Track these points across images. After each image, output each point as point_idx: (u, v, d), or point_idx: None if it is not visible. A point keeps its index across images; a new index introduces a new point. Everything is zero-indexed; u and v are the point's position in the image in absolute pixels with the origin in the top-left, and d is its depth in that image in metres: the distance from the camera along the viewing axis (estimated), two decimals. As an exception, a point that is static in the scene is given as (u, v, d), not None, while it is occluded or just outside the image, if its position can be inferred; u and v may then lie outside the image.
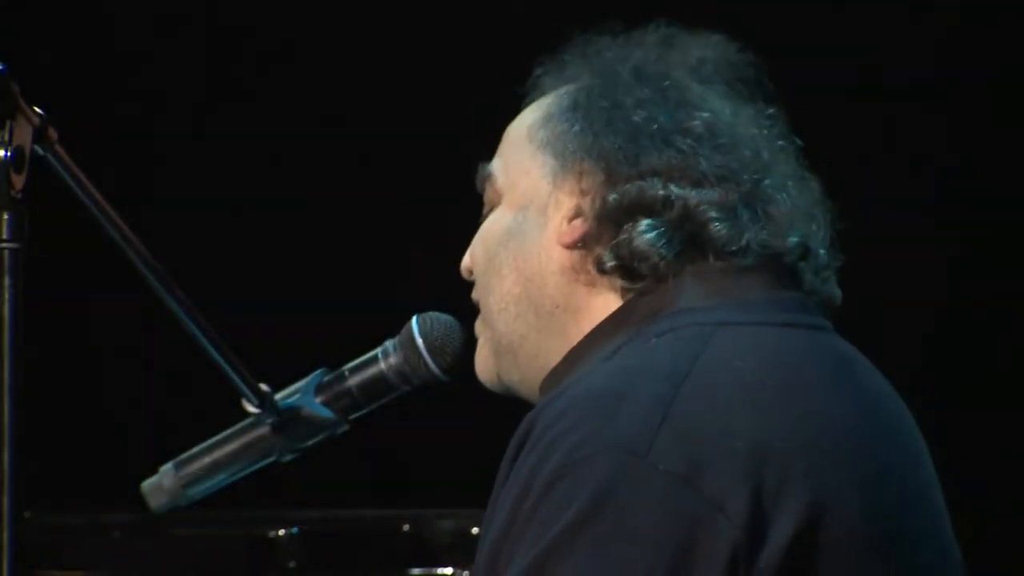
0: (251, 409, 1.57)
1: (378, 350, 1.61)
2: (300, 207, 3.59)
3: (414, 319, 1.59)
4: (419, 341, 1.58)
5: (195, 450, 1.62)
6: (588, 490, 1.17)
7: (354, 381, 1.60)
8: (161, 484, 1.62)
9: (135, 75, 3.54)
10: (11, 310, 1.31)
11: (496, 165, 1.49)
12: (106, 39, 3.51)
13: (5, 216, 1.30)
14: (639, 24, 1.49)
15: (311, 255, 3.59)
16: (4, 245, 1.31)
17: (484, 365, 1.50)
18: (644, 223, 1.35)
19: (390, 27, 3.49)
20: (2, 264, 1.31)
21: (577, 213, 1.39)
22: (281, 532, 2.71)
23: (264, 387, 1.56)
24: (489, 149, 1.53)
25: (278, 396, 1.58)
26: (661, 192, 1.35)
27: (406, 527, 2.75)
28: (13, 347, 1.30)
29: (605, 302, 1.39)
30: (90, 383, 3.54)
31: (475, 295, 1.51)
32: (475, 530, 2.62)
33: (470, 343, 1.60)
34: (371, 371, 1.60)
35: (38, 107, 1.34)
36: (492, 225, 1.48)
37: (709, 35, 1.47)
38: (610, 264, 1.37)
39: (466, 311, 1.64)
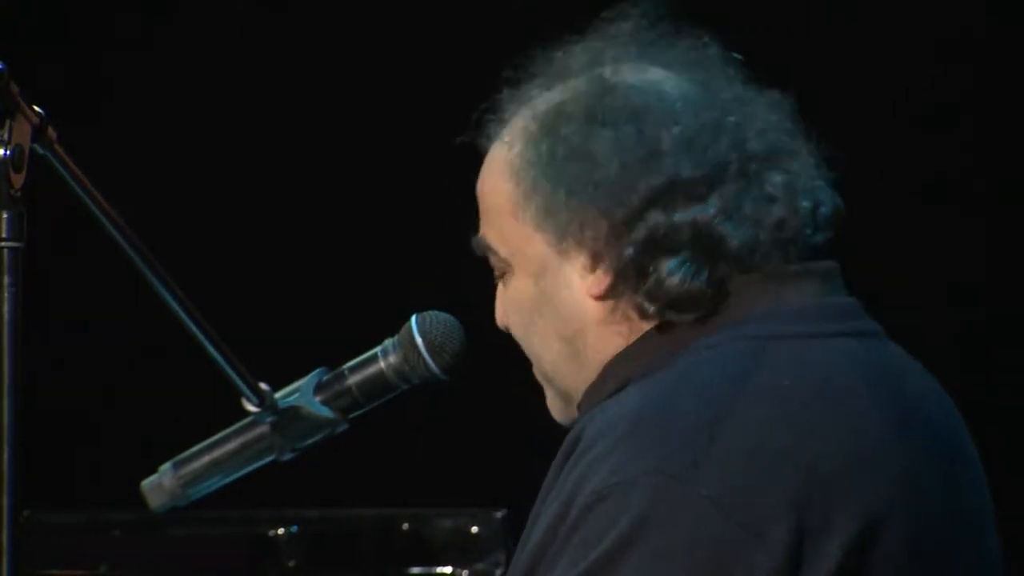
0: (250, 408, 1.57)
1: (377, 349, 1.60)
2: (300, 204, 3.59)
3: (413, 318, 1.59)
4: (418, 340, 1.58)
5: (194, 449, 1.62)
6: (628, 515, 1.17)
7: (353, 380, 1.60)
8: (161, 483, 1.61)
9: (125, 61, 3.54)
10: (11, 309, 1.31)
11: (492, 237, 1.44)
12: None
13: (5, 215, 1.31)
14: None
15: (310, 254, 3.59)
16: (4, 244, 1.31)
17: (560, 413, 1.46)
18: (667, 265, 1.31)
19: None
20: (2, 263, 1.31)
21: (594, 261, 1.36)
22: (281, 531, 2.71)
23: (263, 386, 1.56)
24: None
25: (277, 395, 1.58)
26: (664, 221, 1.32)
27: (406, 526, 2.75)
28: (13, 346, 1.30)
29: (647, 344, 1.35)
30: (89, 382, 3.54)
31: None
32: (475, 529, 2.63)
33: (469, 342, 1.60)
34: (370, 370, 1.60)
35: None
36: (517, 295, 1.44)
37: (621, 4, 1.42)
38: (652, 309, 1.33)
39: (467, 312, 1.64)
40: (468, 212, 1.54)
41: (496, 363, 1.81)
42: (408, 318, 1.61)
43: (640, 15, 1.41)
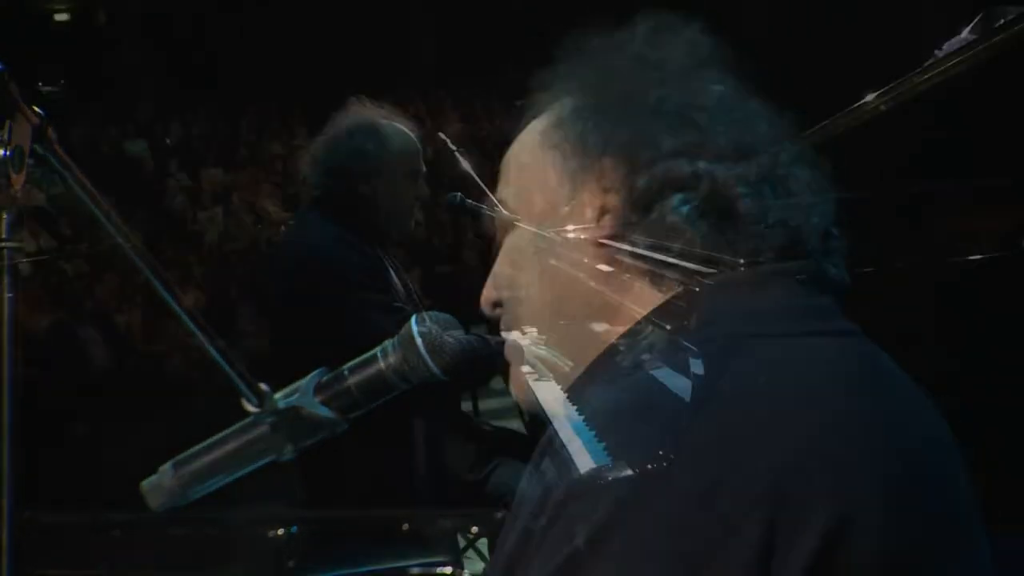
0: (250, 408, 1.57)
1: (377, 350, 1.60)
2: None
3: (413, 318, 1.59)
4: (418, 340, 1.57)
5: (194, 449, 1.61)
6: (602, 510, 1.16)
7: (353, 380, 1.59)
8: (161, 483, 1.61)
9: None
10: (11, 309, 1.31)
11: (504, 192, 1.46)
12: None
13: (4, 216, 1.31)
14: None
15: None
16: (3, 244, 1.31)
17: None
18: (676, 198, 1.33)
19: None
20: (2, 263, 1.31)
21: (604, 210, 1.36)
22: (280, 531, 2.71)
23: (263, 386, 1.56)
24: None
25: (277, 395, 1.58)
26: (688, 169, 1.33)
27: (406, 527, 2.76)
28: (13, 347, 1.30)
29: (637, 305, 1.36)
30: (88, 383, 3.55)
31: (504, 325, 1.47)
32: (475, 529, 2.63)
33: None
34: (370, 371, 1.59)
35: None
36: (515, 241, 1.45)
37: (690, 23, 1.43)
38: (644, 244, 1.34)
39: (466, 312, 1.64)
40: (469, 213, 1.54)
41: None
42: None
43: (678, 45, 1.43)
